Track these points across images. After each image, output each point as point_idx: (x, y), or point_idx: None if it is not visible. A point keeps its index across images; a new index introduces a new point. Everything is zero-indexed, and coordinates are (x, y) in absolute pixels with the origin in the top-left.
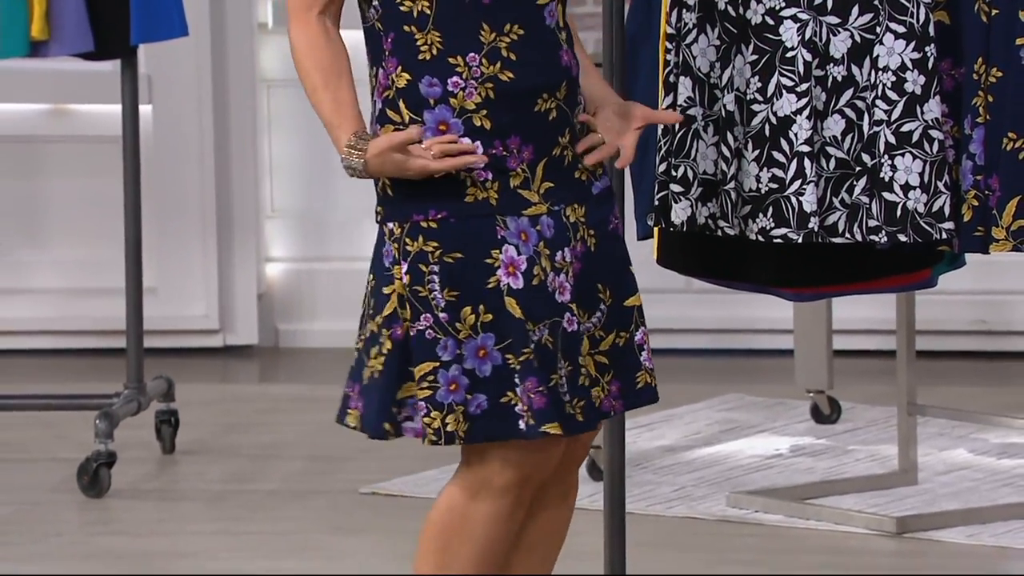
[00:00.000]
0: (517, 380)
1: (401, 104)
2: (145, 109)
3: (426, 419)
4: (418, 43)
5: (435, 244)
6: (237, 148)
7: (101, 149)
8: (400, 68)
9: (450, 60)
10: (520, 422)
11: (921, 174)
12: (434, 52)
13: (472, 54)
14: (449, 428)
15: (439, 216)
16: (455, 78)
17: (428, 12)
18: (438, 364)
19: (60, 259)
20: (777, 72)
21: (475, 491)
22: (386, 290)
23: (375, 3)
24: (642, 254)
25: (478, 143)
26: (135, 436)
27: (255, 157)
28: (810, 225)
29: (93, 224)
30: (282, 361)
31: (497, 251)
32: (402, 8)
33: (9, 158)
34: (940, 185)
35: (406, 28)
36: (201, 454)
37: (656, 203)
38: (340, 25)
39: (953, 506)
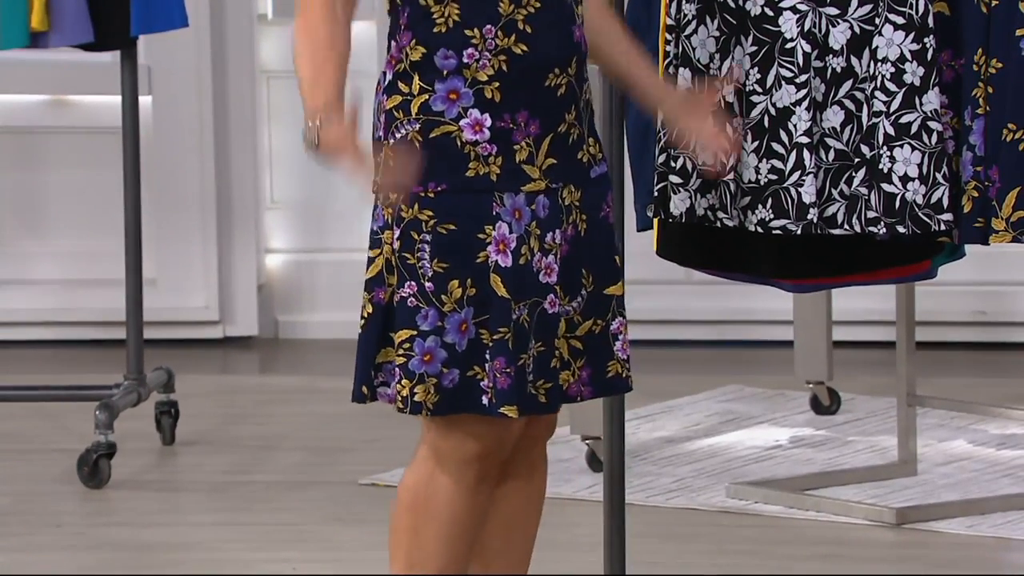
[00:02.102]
0: (488, 356)
1: (415, 76)
2: (145, 100)
3: (397, 386)
4: (434, 16)
5: (430, 213)
6: (237, 139)
7: (101, 140)
8: (414, 41)
9: (466, 32)
10: (483, 397)
11: (920, 165)
12: (450, 24)
13: (488, 26)
14: (417, 398)
15: (439, 189)
16: (470, 49)
17: None
18: (415, 333)
19: (60, 250)
20: (776, 63)
21: (437, 466)
22: (372, 253)
23: None
24: (642, 245)
25: (486, 115)
26: (135, 427)
27: (255, 148)
28: (809, 216)
29: (93, 215)
30: (282, 352)
31: (490, 227)
32: None
33: (9, 149)
34: (939, 176)
35: (422, 3)
36: (201, 445)
37: (655, 194)
38: (353, 16)
39: (953, 497)
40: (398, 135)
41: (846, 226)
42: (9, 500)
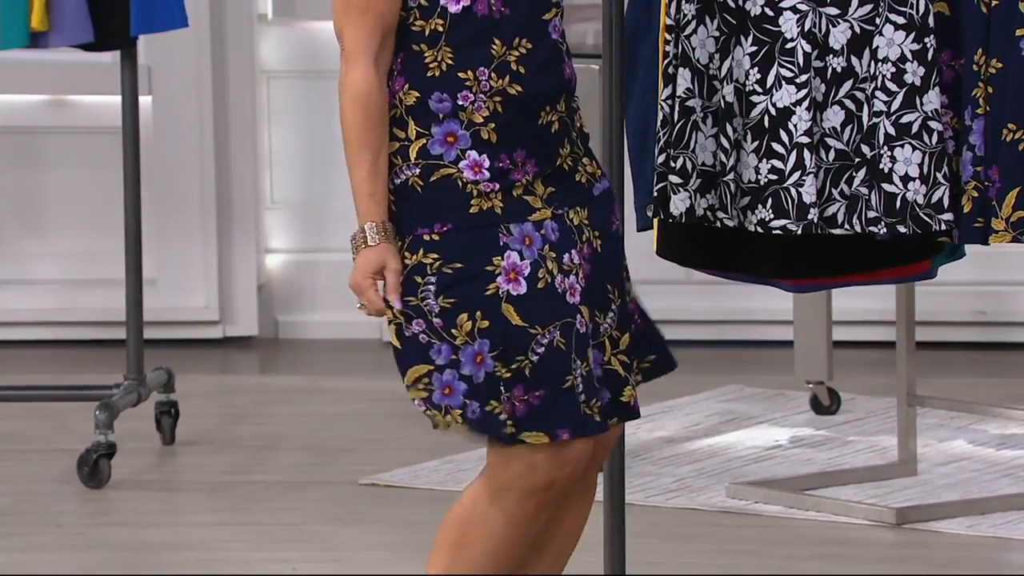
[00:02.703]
0: (502, 389)
1: (410, 121)
2: (145, 100)
3: (428, 413)
4: (427, 60)
5: (435, 256)
6: (237, 139)
7: (101, 140)
8: (407, 86)
9: (460, 75)
10: (504, 429)
11: (920, 165)
12: (443, 68)
13: (482, 68)
14: (449, 422)
15: (444, 229)
16: (465, 92)
17: (441, 30)
18: (432, 368)
19: (60, 250)
20: (776, 63)
21: (498, 492)
22: None
23: None
24: (642, 246)
25: (484, 156)
26: (135, 427)
27: (255, 148)
28: (809, 216)
29: (93, 215)
30: (282, 352)
31: (499, 258)
32: (413, 28)
33: (9, 149)
34: (939, 176)
35: (415, 47)
36: (201, 445)
37: (655, 195)
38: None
39: (952, 497)
40: (397, 180)
41: (846, 226)
42: (9, 500)
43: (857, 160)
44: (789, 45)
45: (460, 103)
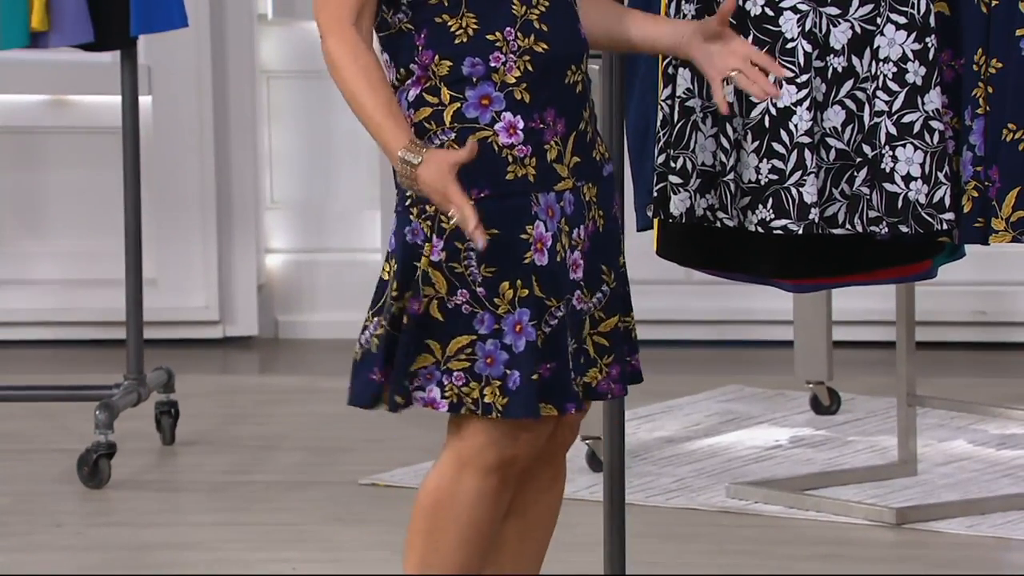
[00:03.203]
0: (539, 358)
1: (443, 87)
2: (145, 100)
3: (464, 389)
4: (452, 29)
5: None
6: (237, 139)
7: (101, 140)
8: (438, 57)
9: (488, 37)
10: (534, 400)
11: (922, 165)
12: (470, 33)
13: (508, 28)
14: (487, 400)
15: (481, 195)
16: (496, 53)
17: None
18: (475, 337)
19: (60, 250)
20: (777, 63)
21: (459, 471)
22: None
23: (404, 6)
24: (642, 246)
25: (518, 117)
26: (135, 427)
27: (255, 148)
28: (810, 216)
29: (93, 215)
30: (282, 352)
31: (531, 226)
32: (431, 1)
33: (9, 149)
34: (940, 176)
35: (438, 19)
36: (201, 445)
37: (655, 195)
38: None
39: (952, 497)
40: (432, 146)
41: (847, 226)
42: (9, 500)
43: (858, 160)
44: (790, 45)
45: (493, 65)
